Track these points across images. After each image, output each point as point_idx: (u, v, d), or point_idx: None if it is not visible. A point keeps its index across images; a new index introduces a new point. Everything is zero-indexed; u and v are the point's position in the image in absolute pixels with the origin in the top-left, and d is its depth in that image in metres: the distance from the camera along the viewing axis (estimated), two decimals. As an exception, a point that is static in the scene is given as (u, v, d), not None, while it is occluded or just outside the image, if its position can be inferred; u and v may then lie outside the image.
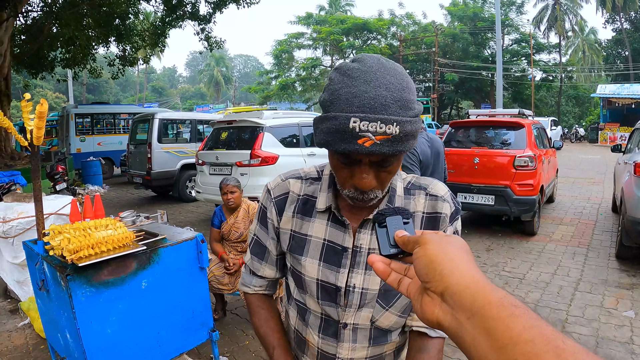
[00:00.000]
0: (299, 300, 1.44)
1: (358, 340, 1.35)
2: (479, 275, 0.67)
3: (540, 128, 9.46)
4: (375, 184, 1.16)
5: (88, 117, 19.09)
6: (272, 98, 51.59)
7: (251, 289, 1.57)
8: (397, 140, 1.06)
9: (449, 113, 53.90)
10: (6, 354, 4.47)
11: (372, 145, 1.05)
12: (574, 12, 51.14)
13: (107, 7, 16.23)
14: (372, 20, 48.75)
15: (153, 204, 12.78)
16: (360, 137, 1.04)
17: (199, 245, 3.52)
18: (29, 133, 2.93)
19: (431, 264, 0.69)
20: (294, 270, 1.42)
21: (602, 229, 8.67)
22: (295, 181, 1.45)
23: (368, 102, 1.04)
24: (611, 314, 5.05)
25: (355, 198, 1.19)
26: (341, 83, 1.09)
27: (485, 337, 0.58)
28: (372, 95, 1.05)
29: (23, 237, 4.95)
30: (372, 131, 1.04)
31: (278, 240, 1.46)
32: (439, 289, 0.68)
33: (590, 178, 15.55)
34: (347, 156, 1.12)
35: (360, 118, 1.04)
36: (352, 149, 1.06)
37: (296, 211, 1.41)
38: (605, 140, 32.12)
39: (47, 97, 55.42)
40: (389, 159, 1.13)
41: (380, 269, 0.80)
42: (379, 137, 1.04)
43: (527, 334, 0.55)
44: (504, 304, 0.60)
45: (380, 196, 1.21)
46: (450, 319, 0.65)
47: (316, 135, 1.17)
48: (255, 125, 8.99)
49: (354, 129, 1.04)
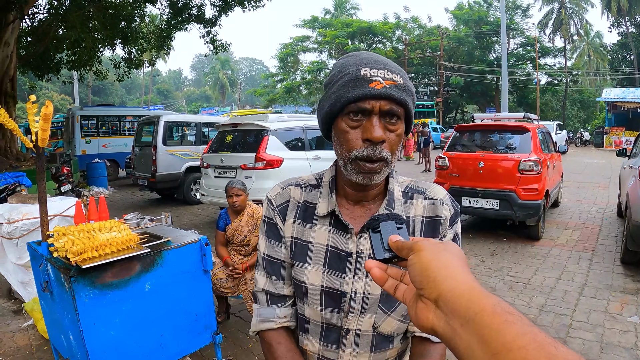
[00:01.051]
0: (297, 310, 1.44)
1: (360, 346, 1.35)
2: (473, 282, 0.67)
3: (545, 132, 9.44)
4: (385, 138, 1.20)
5: (93, 119, 19.16)
6: (277, 101, 51.75)
7: (276, 323, 1.43)
8: (402, 88, 1.20)
9: (454, 117, 53.97)
10: (9, 354, 4.48)
11: (383, 88, 1.16)
12: (579, 16, 51.07)
13: (113, 10, 16.31)
14: (377, 24, 48.90)
15: (157, 207, 12.81)
16: (372, 82, 1.17)
17: (203, 248, 3.52)
18: (34, 134, 2.94)
19: (425, 271, 0.70)
20: (294, 280, 1.41)
21: (607, 234, 8.64)
22: (295, 188, 1.46)
23: (373, 59, 1.22)
24: (616, 319, 5.03)
25: (367, 157, 1.20)
26: (346, 59, 1.28)
27: (479, 343, 0.59)
28: (375, 57, 1.23)
29: (27, 238, 4.96)
30: (382, 76, 1.18)
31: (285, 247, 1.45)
32: (433, 296, 0.68)
33: (595, 182, 15.49)
34: (357, 112, 1.20)
35: (370, 67, 1.19)
36: (365, 91, 1.16)
37: (297, 217, 1.41)
38: (611, 145, 32.04)
39: (52, 98, 55.54)
40: (396, 111, 1.20)
41: (377, 275, 0.81)
42: (387, 82, 1.18)
43: (520, 340, 0.55)
44: (498, 310, 0.60)
45: (389, 160, 1.23)
46: (444, 325, 0.66)
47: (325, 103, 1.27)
48: (260, 128, 9.00)
49: (365, 75, 1.18)
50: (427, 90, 51.31)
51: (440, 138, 32.77)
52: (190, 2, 17.72)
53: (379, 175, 1.23)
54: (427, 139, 21.40)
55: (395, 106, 1.19)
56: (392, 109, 1.19)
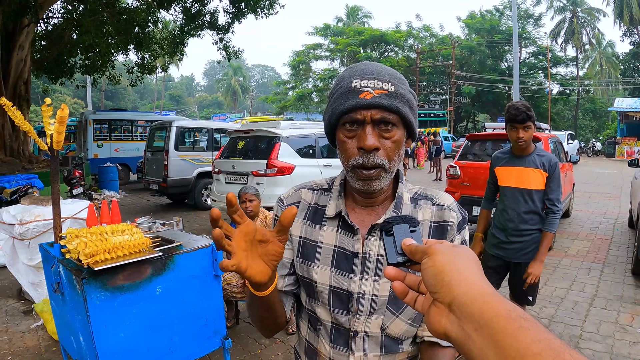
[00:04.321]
0: (310, 309, 1.45)
1: (369, 348, 1.35)
2: (487, 286, 0.67)
3: (556, 142, 9.40)
4: (379, 146, 1.23)
5: (106, 123, 19.30)
6: (288, 108, 51.78)
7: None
8: (394, 96, 1.23)
9: (466, 126, 53.78)
10: (18, 354, 4.51)
11: (372, 97, 1.21)
12: (591, 25, 50.93)
13: (127, 15, 16.44)
14: (389, 32, 48.89)
15: (168, 211, 12.85)
16: (361, 92, 1.21)
17: (214, 253, 3.54)
18: (49, 137, 2.97)
19: (439, 275, 0.70)
20: (304, 278, 1.43)
21: (618, 245, 8.58)
22: (307, 191, 1.50)
23: (366, 70, 1.27)
24: (626, 330, 4.99)
25: (362, 165, 1.24)
26: (345, 71, 1.33)
27: (493, 349, 0.58)
28: (369, 67, 1.28)
29: (39, 239, 5.00)
30: (371, 86, 1.22)
31: (291, 245, 1.47)
32: (447, 300, 0.68)
33: (606, 193, 15.40)
34: (352, 122, 1.25)
35: (360, 78, 1.24)
36: (355, 102, 1.21)
37: (306, 218, 1.44)
38: (622, 155, 31.82)
39: (65, 102, 55.87)
40: (389, 119, 1.23)
41: (398, 290, 0.80)
42: (377, 91, 1.21)
43: (535, 347, 0.54)
44: (512, 316, 0.59)
45: (386, 166, 1.25)
46: (458, 330, 0.65)
47: (325, 116, 1.34)
48: (272, 135, 9.03)
49: (356, 87, 1.23)
50: (439, 99, 51.11)
51: (452, 147, 32.65)
52: (203, 9, 17.81)
53: (377, 182, 1.26)
54: (439, 148, 21.32)
55: (387, 114, 1.22)
56: (384, 117, 1.22)
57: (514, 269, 3.99)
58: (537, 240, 3.83)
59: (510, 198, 3.86)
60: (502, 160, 3.96)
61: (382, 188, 1.30)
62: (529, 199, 3.78)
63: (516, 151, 3.84)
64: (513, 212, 3.84)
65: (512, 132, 3.70)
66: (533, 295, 4.02)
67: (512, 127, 3.69)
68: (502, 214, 3.96)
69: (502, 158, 3.97)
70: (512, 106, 3.68)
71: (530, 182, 3.76)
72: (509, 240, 3.89)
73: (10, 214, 5.43)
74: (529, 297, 3.99)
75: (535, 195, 3.76)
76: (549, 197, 3.75)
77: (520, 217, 3.81)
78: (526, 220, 3.80)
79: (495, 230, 4.04)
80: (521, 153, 3.81)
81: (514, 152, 3.87)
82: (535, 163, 3.74)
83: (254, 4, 16.77)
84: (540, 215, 3.81)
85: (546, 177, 3.73)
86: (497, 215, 4.05)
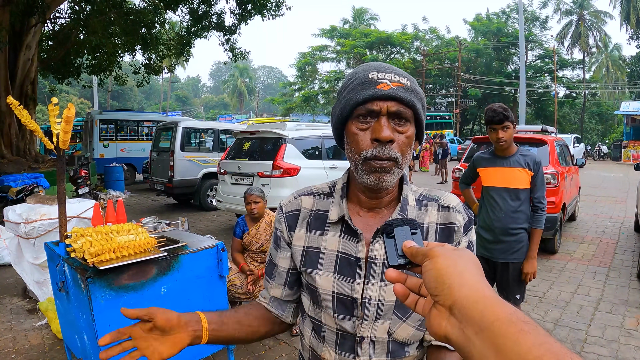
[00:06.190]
0: (314, 317, 1.43)
1: (376, 354, 1.33)
2: (488, 290, 0.67)
3: (562, 145, 9.36)
4: (394, 138, 1.22)
5: (112, 123, 19.36)
6: (294, 110, 51.82)
7: (259, 300, 1.58)
8: (410, 90, 1.23)
9: (471, 128, 53.68)
10: (22, 352, 4.53)
11: (390, 89, 1.20)
12: (597, 28, 50.83)
13: (134, 16, 16.51)
14: (395, 35, 48.84)
15: (174, 212, 12.87)
16: (379, 83, 1.21)
17: (219, 254, 3.54)
18: (55, 137, 2.97)
19: (440, 277, 0.70)
20: (308, 285, 1.42)
21: (624, 249, 8.55)
22: (307, 197, 1.47)
23: (382, 65, 1.27)
24: (631, 335, 4.97)
25: (376, 156, 1.22)
26: (357, 67, 1.33)
27: (494, 352, 0.58)
28: (383, 64, 1.28)
29: (44, 238, 5.02)
30: (389, 79, 1.22)
31: (291, 255, 1.46)
32: (448, 303, 0.68)
33: (612, 196, 15.35)
34: (365, 114, 1.24)
35: (377, 71, 1.24)
36: (373, 92, 1.21)
37: (309, 227, 1.42)
38: (629, 159, 31.71)
39: (72, 102, 56.04)
40: (404, 113, 1.23)
41: (399, 292, 0.80)
42: (394, 84, 1.21)
43: (536, 350, 0.55)
44: (513, 319, 0.60)
45: (399, 160, 1.23)
46: (458, 333, 0.65)
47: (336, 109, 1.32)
48: (278, 136, 9.03)
49: (373, 78, 1.22)
50: (445, 101, 51.11)
51: (457, 149, 32.60)
52: (210, 10, 17.87)
53: (389, 176, 1.23)
54: (446, 150, 21.31)
55: (403, 107, 1.22)
56: (399, 110, 1.21)
57: (500, 269, 4.02)
58: (522, 239, 3.91)
59: (496, 198, 3.95)
60: (485, 161, 4.08)
61: (389, 185, 1.28)
62: (515, 197, 3.87)
63: (499, 152, 3.96)
64: (500, 211, 3.91)
65: (492, 133, 3.82)
66: (521, 294, 4.07)
67: (491, 129, 3.81)
68: (487, 214, 4.03)
69: (485, 159, 4.09)
70: (489, 109, 3.82)
71: (516, 181, 3.86)
72: (497, 239, 3.95)
73: (16, 213, 5.45)
74: (516, 296, 4.02)
75: (522, 194, 3.86)
76: (535, 195, 3.85)
77: (509, 216, 3.88)
78: (514, 219, 3.87)
79: (480, 230, 4.10)
80: (504, 154, 3.93)
81: (497, 153, 3.99)
82: (520, 163, 3.84)
83: (260, 6, 16.80)
84: (527, 214, 3.90)
85: (531, 176, 3.84)
86: (482, 215, 4.11)
